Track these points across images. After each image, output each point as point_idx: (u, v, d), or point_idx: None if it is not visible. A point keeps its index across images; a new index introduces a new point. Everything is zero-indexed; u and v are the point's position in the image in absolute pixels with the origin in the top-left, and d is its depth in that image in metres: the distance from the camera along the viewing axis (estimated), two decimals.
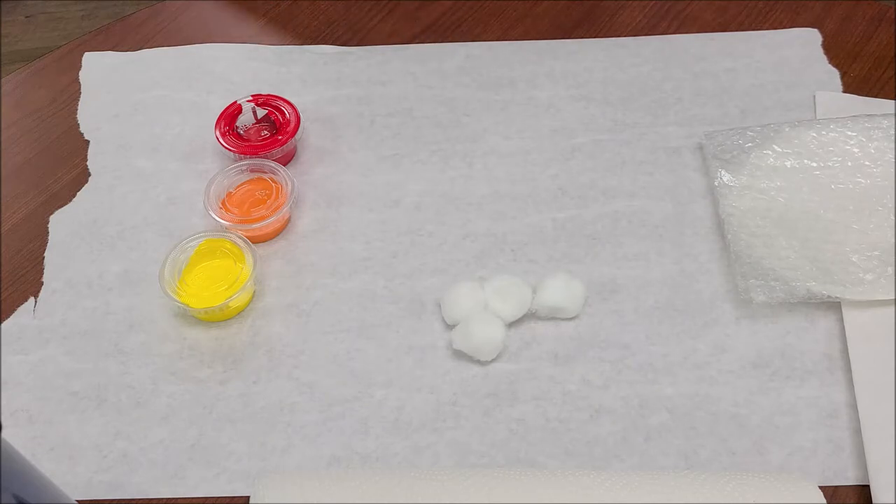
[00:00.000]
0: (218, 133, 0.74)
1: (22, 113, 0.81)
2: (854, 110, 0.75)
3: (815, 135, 0.72)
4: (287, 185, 0.70)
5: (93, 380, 0.63)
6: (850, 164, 0.70)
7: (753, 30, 0.83)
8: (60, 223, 0.72)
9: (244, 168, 0.72)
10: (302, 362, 0.64)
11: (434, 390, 0.62)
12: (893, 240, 0.65)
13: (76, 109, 0.80)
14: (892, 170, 0.69)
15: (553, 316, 0.65)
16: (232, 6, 0.89)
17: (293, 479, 0.53)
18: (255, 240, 0.69)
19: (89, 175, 0.75)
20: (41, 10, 2.02)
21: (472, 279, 0.66)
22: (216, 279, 0.65)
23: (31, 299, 0.68)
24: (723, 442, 0.59)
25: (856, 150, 0.71)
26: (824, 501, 0.51)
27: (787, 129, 0.72)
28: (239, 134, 0.75)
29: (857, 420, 0.59)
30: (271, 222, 0.69)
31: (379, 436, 0.60)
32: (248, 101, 0.76)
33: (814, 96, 0.77)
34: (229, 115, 0.75)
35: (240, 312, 0.66)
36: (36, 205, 0.74)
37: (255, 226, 0.68)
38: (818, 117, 0.75)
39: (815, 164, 0.70)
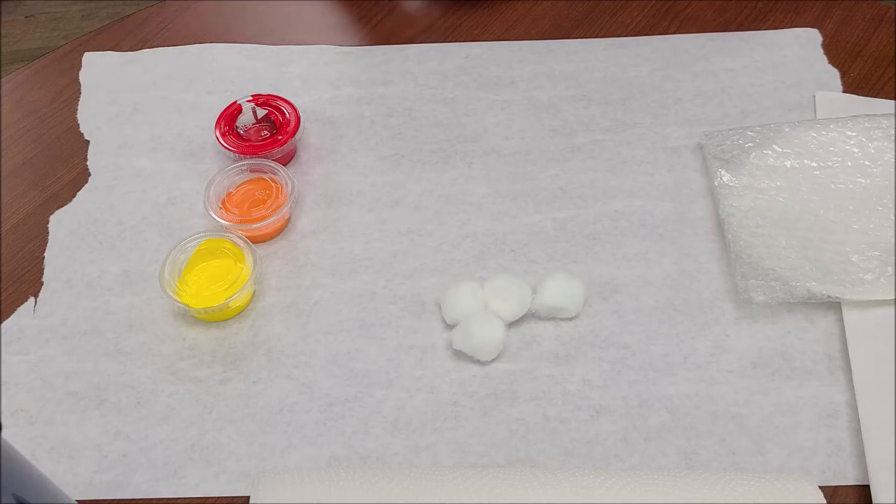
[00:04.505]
0: (218, 133, 0.74)
1: (22, 113, 0.81)
2: (854, 110, 0.75)
3: (815, 135, 0.72)
4: (287, 185, 0.70)
5: (92, 380, 0.63)
6: (850, 164, 0.70)
7: (753, 30, 0.83)
8: (60, 223, 0.72)
9: (244, 168, 0.72)
10: (302, 362, 0.64)
11: (434, 390, 0.62)
12: (893, 240, 0.65)
13: (76, 109, 0.80)
14: (892, 170, 0.69)
15: (553, 316, 0.65)
16: (232, 6, 0.89)
17: (293, 479, 0.53)
18: (255, 240, 0.69)
19: (89, 175, 0.75)
20: (41, 10, 2.02)
21: (472, 279, 0.66)
22: (216, 279, 0.65)
23: (31, 299, 0.68)
24: (723, 442, 0.59)
25: (856, 150, 0.71)
26: (824, 501, 0.51)
27: (787, 129, 0.72)
28: (239, 134, 0.75)
29: (857, 420, 0.59)
30: (271, 222, 0.69)
31: (379, 436, 0.60)
32: (248, 101, 0.76)
33: (814, 96, 0.77)
34: (229, 115, 0.75)
35: (240, 312, 0.66)
36: (36, 205, 0.74)
37: (255, 226, 0.68)
38: (818, 117, 0.75)
39: (815, 164, 0.70)
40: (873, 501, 0.55)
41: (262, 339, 0.65)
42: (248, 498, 0.57)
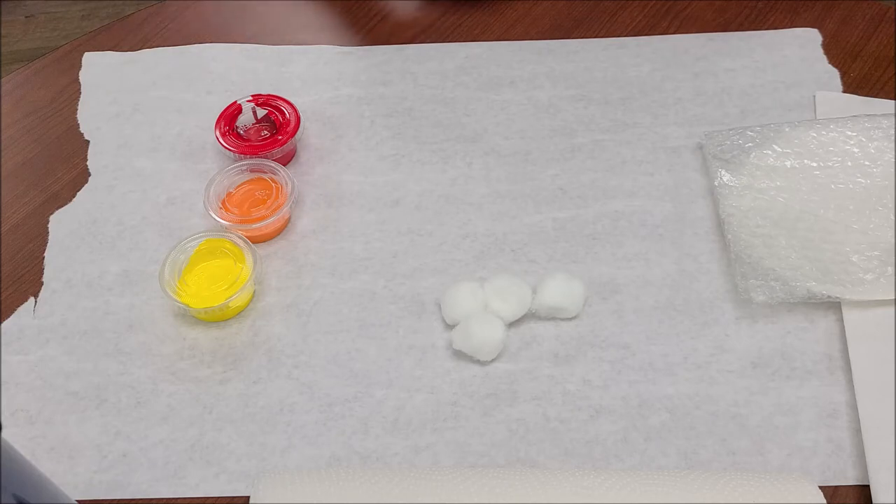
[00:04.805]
0: (218, 133, 0.74)
1: (22, 113, 0.81)
2: (854, 110, 0.75)
3: (815, 135, 0.72)
4: (287, 185, 0.70)
5: (92, 380, 0.63)
6: (850, 164, 0.70)
7: (753, 30, 0.83)
8: (60, 223, 0.72)
9: (244, 168, 0.72)
10: (302, 362, 0.64)
11: (434, 390, 0.62)
12: (893, 240, 0.65)
13: (76, 109, 0.80)
14: (892, 170, 0.69)
15: (553, 316, 0.65)
16: (232, 6, 0.89)
17: (293, 479, 0.53)
18: (255, 240, 0.69)
19: (89, 175, 0.75)
20: (41, 10, 2.02)
21: (472, 279, 0.66)
22: (216, 279, 0.65)
23: (31, 299, 0.68)
24: (723, 442, 0.59)
25: (856, 150, 0.71)
26: (824, 501, 0.51)
27: (787, 129, 0.72)
28: (239, 134, 0.75)
29: (857, 420, 0.59)
30: (271, 222, 0.69)
31: (379, 436, 0.60)
32: (248, 101, 0.76)
33: (814, 96, 0.77)
34: (229, 115, 0.75)
35: (240, 312, 0.66)
36: (36, 205, 0.74)
37: (255, 226, 0.68)
38: (818, 117, 0.75)
39: (815, 164, 0.70)
40: (873, 501, 0.55)
41: (262, 339, 0.65)
42: (248, 498, 0.57)
